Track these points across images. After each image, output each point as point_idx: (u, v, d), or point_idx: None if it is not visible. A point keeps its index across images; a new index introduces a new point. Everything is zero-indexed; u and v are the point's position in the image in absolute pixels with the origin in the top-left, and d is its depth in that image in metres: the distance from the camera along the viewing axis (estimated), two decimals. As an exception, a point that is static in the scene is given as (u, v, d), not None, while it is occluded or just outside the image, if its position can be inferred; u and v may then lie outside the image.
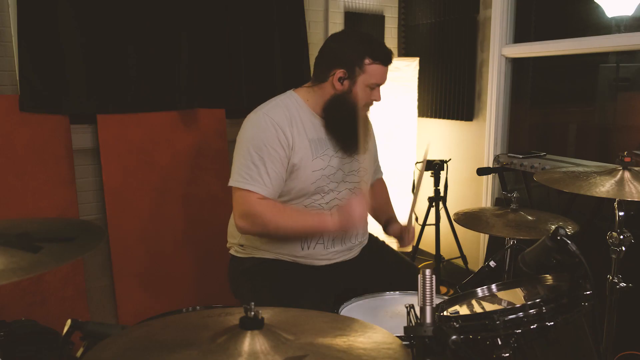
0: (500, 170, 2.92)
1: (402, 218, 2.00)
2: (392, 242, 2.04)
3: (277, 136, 1.71)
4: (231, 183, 1.72)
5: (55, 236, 1.16)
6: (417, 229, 3.29)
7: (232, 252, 1.95)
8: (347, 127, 1.80)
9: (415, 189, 2.00)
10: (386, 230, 2.00)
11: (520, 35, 3.09)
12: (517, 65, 3.15)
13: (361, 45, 1.77)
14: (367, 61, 1.75)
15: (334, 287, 1.79)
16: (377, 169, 2.15)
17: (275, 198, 1.73)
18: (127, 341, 0.92)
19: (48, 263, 1.03)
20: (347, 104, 1.78)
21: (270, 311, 0.98)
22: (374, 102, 1.84)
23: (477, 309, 1.36)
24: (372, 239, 2.07)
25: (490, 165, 3.06)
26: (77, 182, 2.61)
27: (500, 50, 3.07)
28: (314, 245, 1.82)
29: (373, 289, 1.70)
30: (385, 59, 1.79)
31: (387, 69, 1.81)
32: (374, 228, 2.03)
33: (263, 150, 1.69)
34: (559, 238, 1.23)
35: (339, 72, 1.76)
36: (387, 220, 2.00)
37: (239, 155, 1.73)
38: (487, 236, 3.12)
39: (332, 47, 1.81)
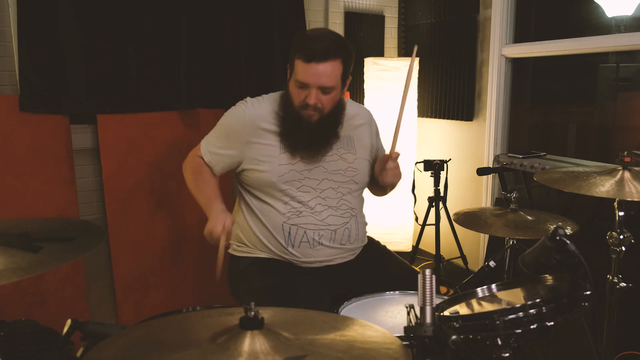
0: (500, 170, 2.91)
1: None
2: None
3: (244, 122, 1.80)
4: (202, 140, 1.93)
5: (55, 236, 1.16)
6: (417, 229, 3.29)
7: (230, 250, 1.95)
8: (287, 126, 1.78)
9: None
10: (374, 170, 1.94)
11: (520, 35, 3.09)
12: (517, 65, 3.15)
13: (298, 41, 1.73)
14: (296, 57, 1.70)
15: (330, 289, 1.76)
16: None
17: (218, 172, 1.87)
18: (127, 341, 0.92)
19: (48, 263, 1.03)
20: (285, 102, 1.79)
21: (270, 311, 0.98)
22: (310, 104, 1.70)
23: (477, 309, 1.36)
24: (374, 242, 2.03)
25: (490, 165, 3.06)
26: (77, 182, 2.61)
27: (500, 50, 3.07)
28: (298, 243, 1.79)
29: (371, 291, 1.67)
30: (307, 55, 1.65)
31: (314, 67, 1.65)
32: (374, 231, 2.02)
33: (226, 131, 1.85)
34: (558, 238, 1.23)
35: (289, 68, 1.79)
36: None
37: (216, 125, 1.91)
38: (487, 236, 3.12)
39: None
